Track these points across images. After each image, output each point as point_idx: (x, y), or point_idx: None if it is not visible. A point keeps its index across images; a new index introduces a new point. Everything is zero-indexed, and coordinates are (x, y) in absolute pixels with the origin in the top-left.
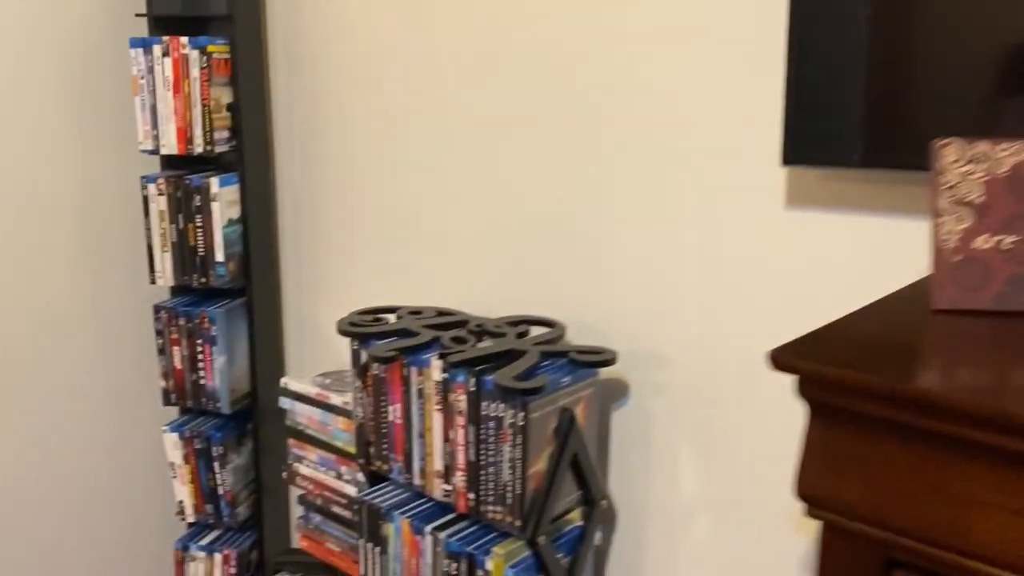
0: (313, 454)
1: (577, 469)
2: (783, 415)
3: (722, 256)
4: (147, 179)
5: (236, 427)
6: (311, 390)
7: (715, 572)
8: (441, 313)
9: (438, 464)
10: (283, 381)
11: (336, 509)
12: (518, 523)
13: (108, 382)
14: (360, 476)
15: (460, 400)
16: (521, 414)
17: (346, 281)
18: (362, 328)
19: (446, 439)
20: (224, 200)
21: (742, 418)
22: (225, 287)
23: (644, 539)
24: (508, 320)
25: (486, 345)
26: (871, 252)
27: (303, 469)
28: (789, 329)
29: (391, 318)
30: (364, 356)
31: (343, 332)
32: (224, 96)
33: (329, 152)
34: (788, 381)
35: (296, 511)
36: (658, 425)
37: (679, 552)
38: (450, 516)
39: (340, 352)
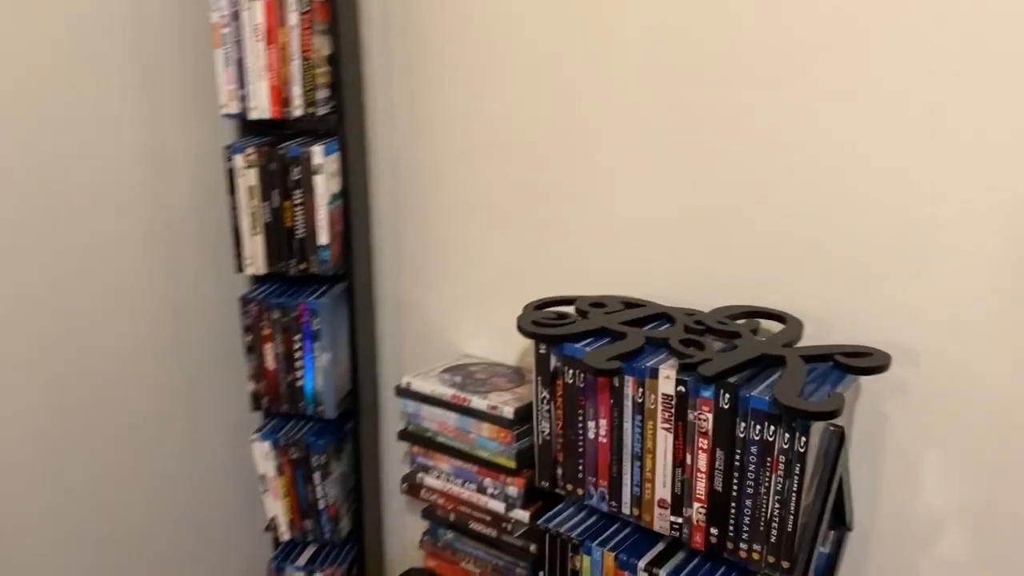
0: (446, 464)
1: (838, 492)
2: None
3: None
4: (233, 149)
5: (334, 433)
6: (444, 391)
7: None
8: (628, 305)
9: (661, 492)
10: (404, 380)
11: (476, 527)
12: (785, 564)
13: (184, 384)
14: (511, 491)
15: (704, 419)
16: (803, 439)
17: (453, 265)
18: (549, 328)
19: (676, 464)
20: (327, 172)
21: (1002, 419)
22: (327, 274)
23: (873, 557)
24: (730, 313)
25: (724, 349)
26: None
27: (430, 480)
28: None
29: (567, 310)
30: (554, 361)
31: (527, 334)
32: (324, 47)
33: (434, 113)
34: None
35: (403, 524)
36: (896, 429)
37: (919, 573)
38: (659, 548)
39: (443, 344)
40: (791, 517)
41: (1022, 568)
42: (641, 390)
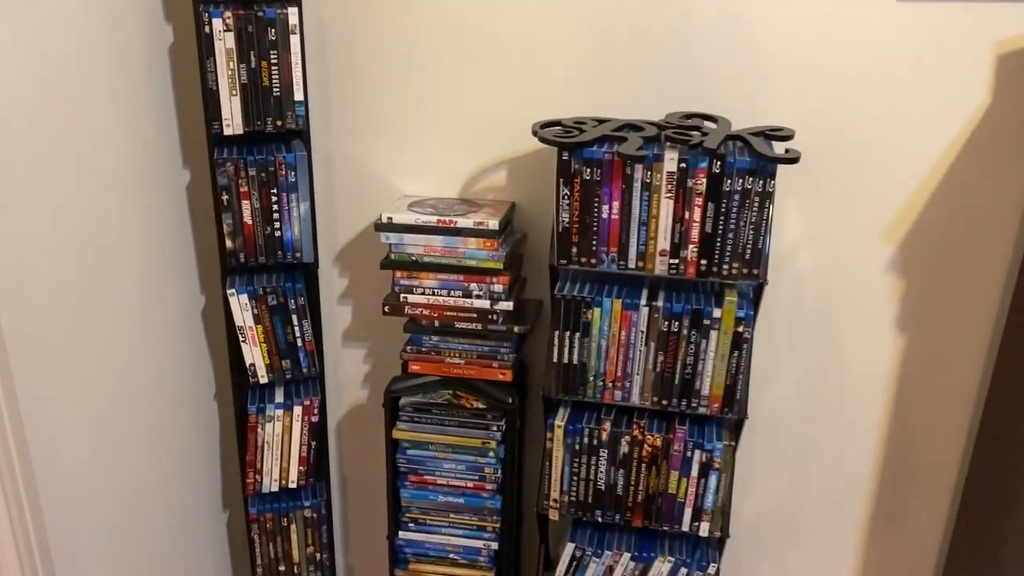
0: (431, 280)
1: None
2: None
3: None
4: (212, 12)
5: (305, 277)
6: (429, 218)
7: None
8: (600, 121)
9: (663, 244)
10: (383, 216)
11: (462, 325)
12: (756, 271)
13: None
14: (496, 288)
15: (700, 183)
16: (772, 182)
17: (385, 112)
18: (567, 137)
19: (677, 221)
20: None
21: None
22: (300, 129)
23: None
24: (679, 116)
25: (706, 135)
26: None
27: (413, 298)
28: None
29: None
30: (575, 164)
31: (548, 141)
32: None
33: None
34: None
35: (360, 351)
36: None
37: (781, 283)
38: (645, 291)
39: (385, 189)
40: (762, 238)
41: (856, 275)
42: (649, 172)
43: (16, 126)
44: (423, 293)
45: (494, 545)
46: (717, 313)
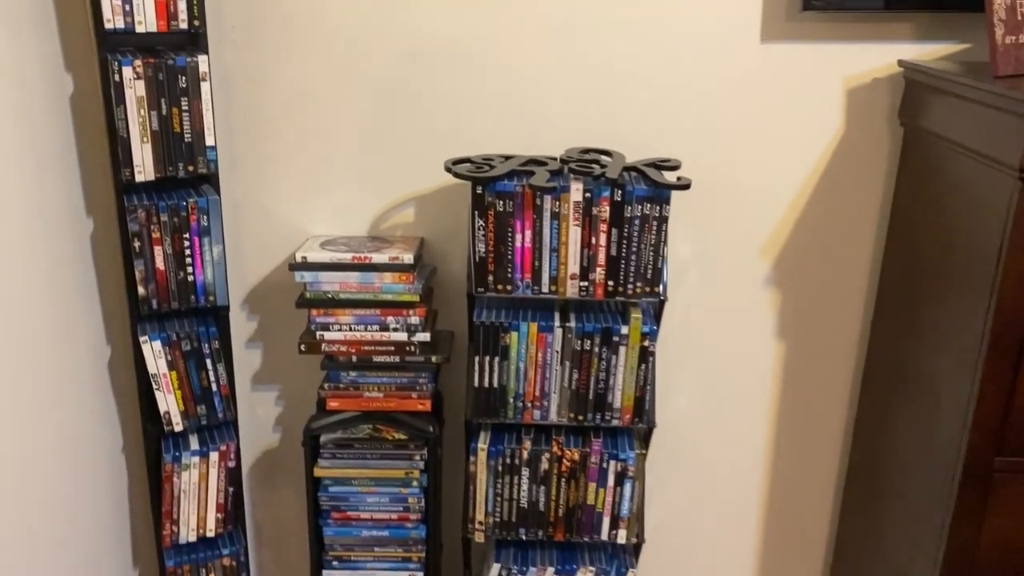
0: (348, 316)
1: None
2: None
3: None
4: (122, 61)
5: (218, 321)
6: (344, 256)
7: None
8: (507, 157)
9: (573, 268)
10: (297, 256)
11: (381, 359)
12: (657, 289)
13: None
14: (413, 320)
15: (603, 211)
16: (667, 207)
17: (288, 159)
18: (478, 172)
19: (583, 246)
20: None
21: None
22: (211, 174)
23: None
24: (577, 151)
25: (604, 167)
26: None
27: (330, 335)
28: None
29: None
30: (488, 197)
31: (461, 176)
32: None
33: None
34: None
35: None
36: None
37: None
38: (558, 313)
39: (290, 232)
40: (660, 258)
41: (738, 289)
42: (557, 202)
43: None
44: (340, 329)
45: (420, 575)
46: (625, 330)
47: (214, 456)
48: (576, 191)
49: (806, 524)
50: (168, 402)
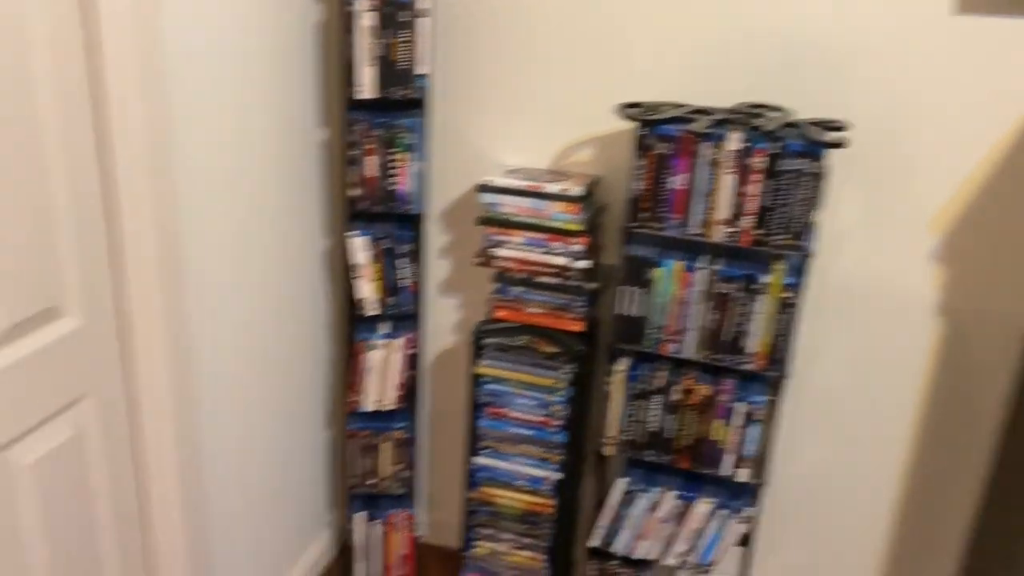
0: (519, 237)
1: None
2: None
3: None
4: None
5: (415, 227)
6: (521, 183)
7: None
8: (676, 105)
9: (723, 214)
10: (486, 180)
11: (543, 279)
12: (804, 244)
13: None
14: (575, 248)
15: (759, 162)
16: (821, 163)
17: (493, 91)
18: (646, 115)
19: (737, 194)
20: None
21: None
22: (421, 99)
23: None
24: (745, 105)
25: (768, 121)
26: None
27: (503, 251)
28: None
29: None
30: (649, 139)
31: (633, 118)
32: None
33: None
34: None
35: (456, 301)
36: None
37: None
38: (707, 255)
39: (483, 161)
40: (811, 214)
41: (901, 261)
42: (714, 149)
43: (202, 86)
44: (511, 248)
45: (556, 476)
46: (766, 279)
47: (398, 342)
48: (734, 140)
49: (947, 506)
50: (365, 290)
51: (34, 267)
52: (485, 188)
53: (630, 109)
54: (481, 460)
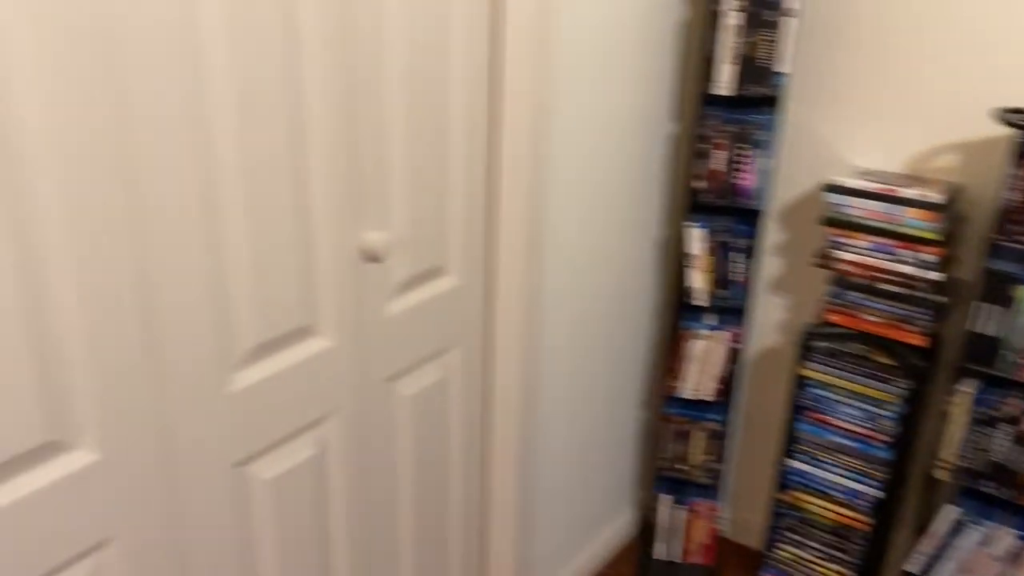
0: (864, 241)
1: None
2: None
3: None
4: None
5: (753, 223)
6: (873, 186)
7: None
8: None
9: None
10: (833, 179)
11: (886, 287)
12: None
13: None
14: (927, 258)
15: None
16: None
17: (848, 88)
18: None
19: None
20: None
21: None
22: (776, 97)
23: None
24: None
25: None
26: None
27: (843, 254)
28: None
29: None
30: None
31: (1015, 124)
32: None
33: None
34: None
35: (790, 296)
36: None
37: None
38: None
39: (831, 161)
40: None
41: None
42: None
43: (576, 75)
44: (854, 252)
45: (876, 493)
46: None
47: (723, 334)
48: None
49: None
50: (697, 280)
51: (433, 231)
52: (832, 188)
53: (1013, 115)
54: (795, 464)
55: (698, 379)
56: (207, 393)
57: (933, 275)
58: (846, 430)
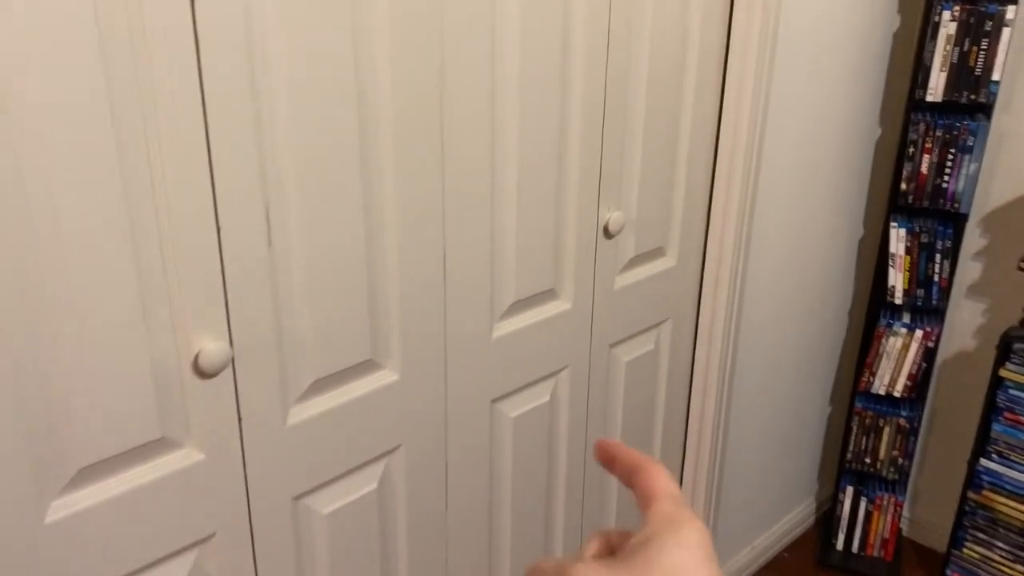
0: None
1: None
2: None
3: None
4: (944, 6)
5: (956, 225)
6: None
7: None
8: None
9: None
10: None
11: None
12: None
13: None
14: None
15: None
16: None
17: None
18: None
19: None
20: (1013, 26)
21: None
22: (987, 104)
23: None
24: None
25: None
26: None
27: None
28: None
29: None
30: None
31: None
32: None
33: None
34: None
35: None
36: None
37: None
38: None
39: None
40: None
41: None
42: None
43: (794, 76)
44: None
45: None
46: None
47: (919, 333)
48: None
49: None
50: (896, 279)
51: (659, 216)
52: None
53: None
54: (988, 464)
55: (891, 375)
56: (476, 337)
57: None
58: None
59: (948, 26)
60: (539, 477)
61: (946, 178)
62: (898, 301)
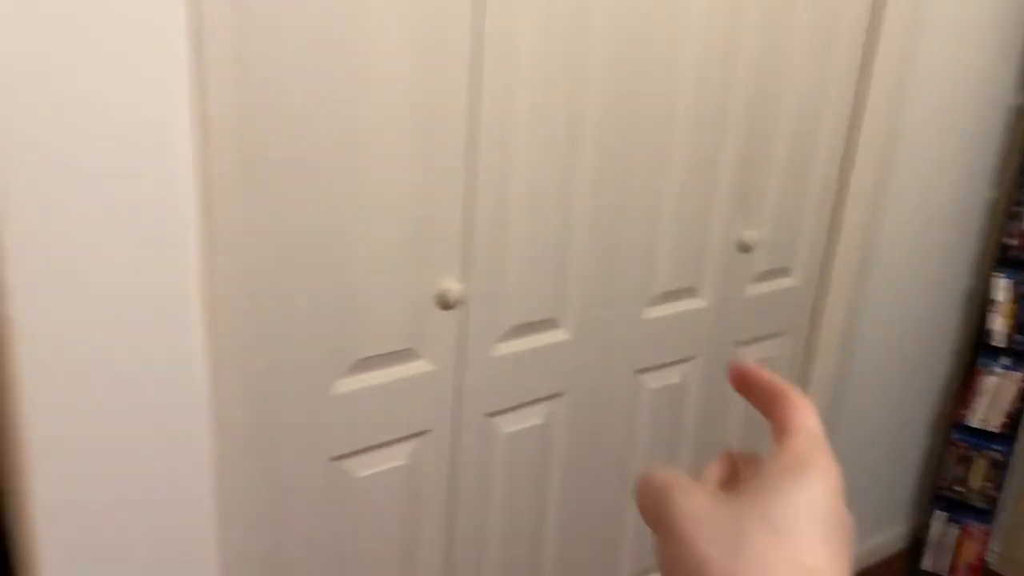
0: None
1: None
2: None
3: None
4: None
5: None
6: None
7: None
8: None
9: None
10: None
11: None
12: None
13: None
14: None
15: None
16: None
17: None
18: None
19: None
20: None
21: None
22: None
23: None
24: None
25: None
26: None
27: None
28: None
29: None
30: None
31: None
32: None
33: None
34: None
35: None
36: None
37: None
38: None
39: None
40: None
41: None
42: None
43: (917, 141)
44: None
45: None
46: None
47: (1016, 375)
48: None
49: None
50: (997, 323)
51: (788, 237)
52: None
53: None
54: None
55: (987, 411)
56: (631, 314)
57: None
58: None
59: None
60: (667, 443)
61: None
62: (999, 344)
